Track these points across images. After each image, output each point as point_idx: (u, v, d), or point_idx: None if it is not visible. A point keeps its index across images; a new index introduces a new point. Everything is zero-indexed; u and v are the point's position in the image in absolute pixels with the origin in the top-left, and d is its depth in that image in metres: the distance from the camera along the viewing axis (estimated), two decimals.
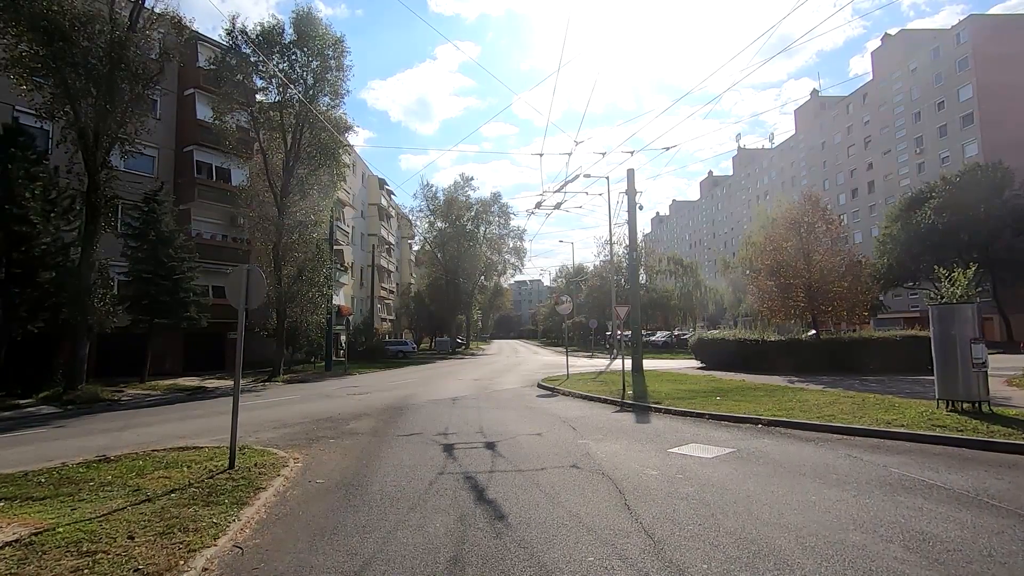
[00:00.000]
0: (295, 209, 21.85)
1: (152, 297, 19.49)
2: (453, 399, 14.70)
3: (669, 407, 11.74)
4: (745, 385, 15.58)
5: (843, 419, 9.36)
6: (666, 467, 6.79)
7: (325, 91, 21.88)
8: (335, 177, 22.84)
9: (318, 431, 10.05)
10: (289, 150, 21.91)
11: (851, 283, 19.89)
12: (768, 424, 9.54)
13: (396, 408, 13.05)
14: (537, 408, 12.77)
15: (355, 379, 22.43)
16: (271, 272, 22.01)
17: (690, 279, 48.23)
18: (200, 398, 16.77)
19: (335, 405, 13.92)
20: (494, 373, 24.99)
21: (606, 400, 13.46)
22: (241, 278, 6.92)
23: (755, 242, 39.99)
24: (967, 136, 53.81)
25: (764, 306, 21.93)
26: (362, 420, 11.29)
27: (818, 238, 20.31)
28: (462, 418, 11.27)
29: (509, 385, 18.86)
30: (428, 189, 55.48)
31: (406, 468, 7.00)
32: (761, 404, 11.52)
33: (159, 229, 20.04)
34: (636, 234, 22.79)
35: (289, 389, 18.95)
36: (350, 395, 16.27)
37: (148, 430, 10.91)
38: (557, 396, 15.17)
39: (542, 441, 8.64)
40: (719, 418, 10.36)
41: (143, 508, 5.20)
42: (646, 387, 15.81)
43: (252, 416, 12.28)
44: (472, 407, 13.06)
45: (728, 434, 8.91)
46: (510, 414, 11.86)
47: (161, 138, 26.07)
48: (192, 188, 26.06)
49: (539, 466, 6.97)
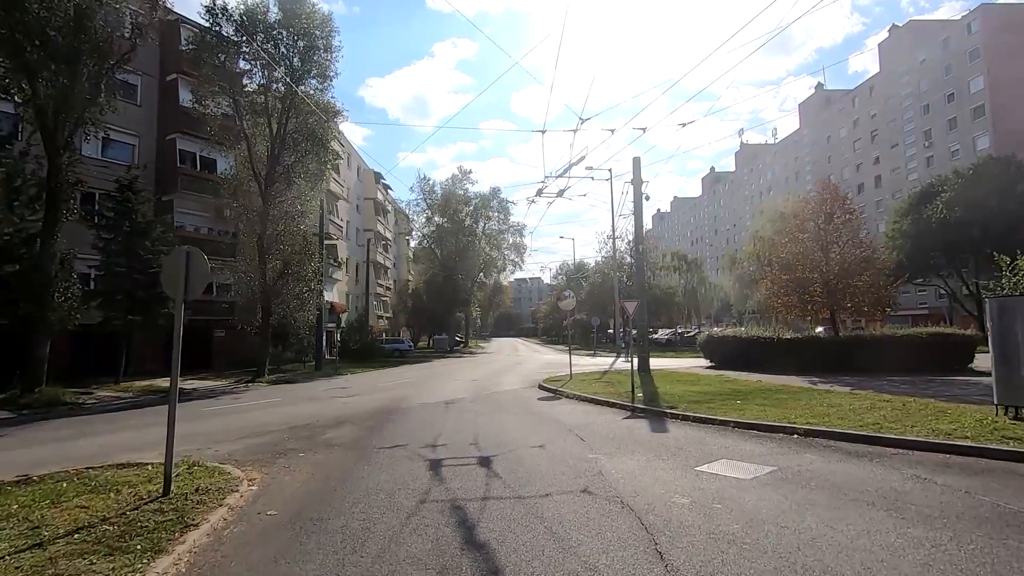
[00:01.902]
0: (281, 199, 20.58)
1: (126, 292, 18.24)
2: (447, 402, 13.47)
3: (686, 413, 10.52)
4: (764, 387, 14.37)
5: (891, 428, 8.14)
6: (697, 492, 5.57)
7: (312, 73, 20.57)
8: (323, 165, 21.56)
9: (289, 442, 8.81)
10: (274, 136, 20.62)
11: (872, 276, 18.66)
12: (805, 434, 8.31)
13: (384, 413, 11.82)
14: (539, 413, 11.54)
15: (345, 380, 21.20)
16: (256, 266, 20.77)
17: (694, 275, 47.02)
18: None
19: (317, 410, 12.69)
20: (493, 373, 23.78)
21: (615, 404, 12.24)
22: (178, 262, 5.68)
23: (763, 236, 38.90)
24: (978, 129, 52.50)
25: (778, 302, 20.70)
26: (343, 428, 10.06)
27: (837, 229, 19.05)
28: (456, 425, 10.04)
29: (508, 386, 17.65)
30: (425, 183, 53.93)
31: (382, 493, 5.77)
32: (789, 409, 10.31)
33: (134, 220, 18.77)
34: (642, 225, 21.60)
35: (272, 391, 17.72)
36: (336, 398, 15.04)
37: (99, 440, 9.67)
38: (560, 399, 13.95)
39: (546, 456, 7.42)
40: (746, 426, 9.12)
41: (24, 559, 3.96)
42: (656, 389, 14.60)
43: (221, 423, 11.04)
44: (468, 411, 11.84)
45: (762, 447, 7.68)
46: (509, 420, 10.64)
47: (142, 125, 24.78)
48: (175, 178, 24.78)
49: (543, 491, 5.74)
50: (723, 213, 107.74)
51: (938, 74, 56.80)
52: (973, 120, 52.91)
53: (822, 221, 19.36)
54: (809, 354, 18.78)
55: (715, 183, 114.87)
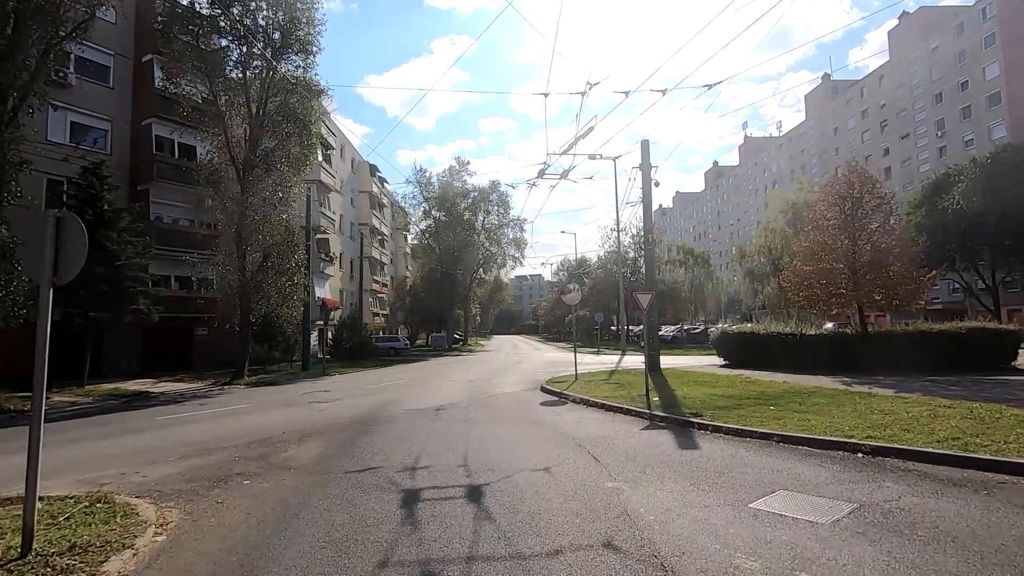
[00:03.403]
0: (261, 185, 18.97)
1: (89, 287, 16.67)
2: (438, 408, 11.91)
3: (715, 422, 8.95)
4: (793, 388, 12.79)
5: (979, 445, 6.57)
6: (766, 549, 3.99)
7: (294, 48, 18.87)
8: (307, 149, 19.92)
9: (238, 463, 7.25)
10: (254, 117, 19.00)
11: (905, 266, 17.05)
12: (872, 453, 6.74)
13: (363, 423, 10.27)
14: (542, 422, 9.98)
15: (331, 381, 19.65)
16: (234, 258, 19.19)
17: (701, 270, 45.37)
18: (137, 406, 13.98)
19: (287, 418, 11.13)
20: (491, 373, 22.23)
21: (629, 411, 10.66)
22: (44, 234, 4.07)
23: (775, 228, 37.31)
24: (993, 117, 50.79)
25: (799, 295, 19.09)
26: (309, 443, 8.49)
27: (867, 214, 17.42)
28: (444, 439, 8.49)
29: (508, 388, 16.10)
30: (422, 175, 51.86)
31: (331, 548, 4.22)
32: (836, 417, 8.76)
33: (99, 207, 17.21)
34: (651, 213, 20.04)
35: (248, 394, 16.16)
36: (315, 403, 13.48)
37: (14, 461, 8.09)
38: (566, 404, 12.39)
39: (553, 484, 5.85)
40: (794, 441, 7.54)
41: None
42: (674, 392, 13.04)
43: (169, 437, 9.47)
44: (460, 420, 10.28)
45: (822, 471, 6.11)
46: (507, 432, 9.09)
47: (115, 109, 23.18)
48: (150, 166, 23.17)
49: (551, 544, 4.18)
50: (726, 207, 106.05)
51: (951, 61, 55.04)
52: (988, 108, 51.18)
53: (849, 207, 17.75)
54: (835, 351, 17.19)
55: (718, 177, 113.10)
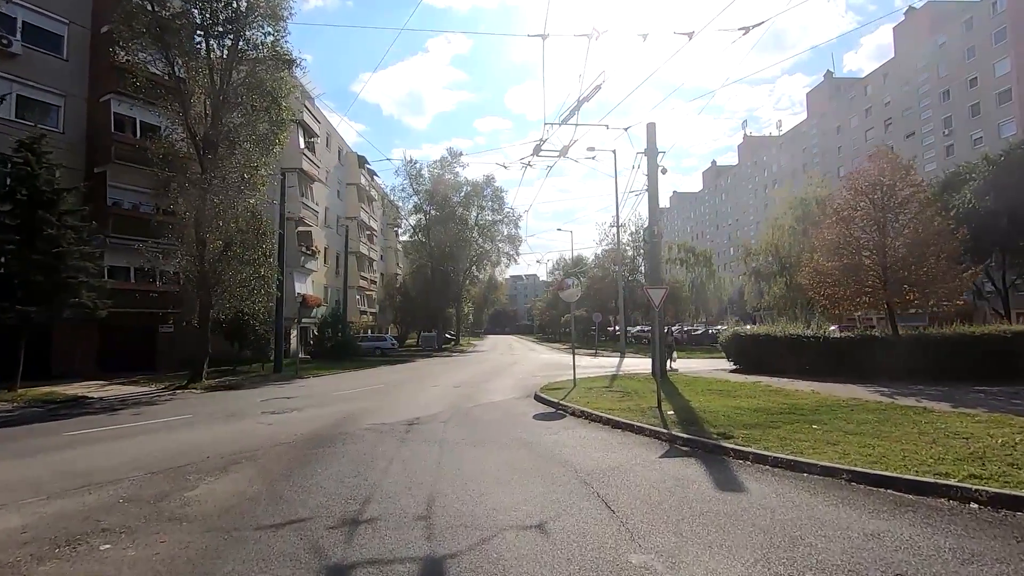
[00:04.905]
0: (224, 165, 16.93)
1: (22, 277, 14.64)
2: (411, 423, 9.97)
3: (753, 447, 7.07)
4: (827, 400, 10.95)
5: None
6: None
7: (260, 8, 16.69)
8: (277, 127, 17.87)
9: (117, 509, 5.27)
10: (217, 90, 16.97)
11: (942, 261, 15.27)
12: (990, 504, 4.86)
13: (314, 443, 8.30)
14: (536, 444, 8.05)
15: (301, 385, 17.64)
16: (193, 246, 17.15)
17: (702, 269, 43.58)
18: (62, 415, 11.92)
19: (223, 436, 9.13)
20: (481, 376, 20.31)
21: (641, 428, 8.75)
22: None
23: (783, 225, 35.51)
24: (1003, 115, 49.24)
25: (821, 294, 17.29)
26: (232, 475, 6.53)
27: (900, 205, 15.61)
28: (408, 470, 6.55)
29: (498, 395, 14.17)
30: (412, 166, 49.52)
31: None
32: (902, 442, 6.97)
33: (35, 187, 15.16)
34: (658, 201, 18.17)
35: (198, 402, 14.11)
36: (268, 413, 11.47)
37: None
38: (564, 418, 10.47)
39: (550, 556, 3.92)
40: (868, 480, 5.64)
41: None
42: (688, 402, 11.17)
43: (63, 461, 7.46)
44: (434, 441, 8.34)
45: (940, 537, 4.21)
46: (491, 459, 7.16)
47: (69, 83, 21.11)
48: (108, 147, 21.08)
49: None
50: (725, 207, 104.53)
51: (959, 57, 53.50)
52: (998, 105, 49.64)
53: (879, 196, 15.94)
54: (861, 356, 15.39)
55: (716, 177, 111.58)
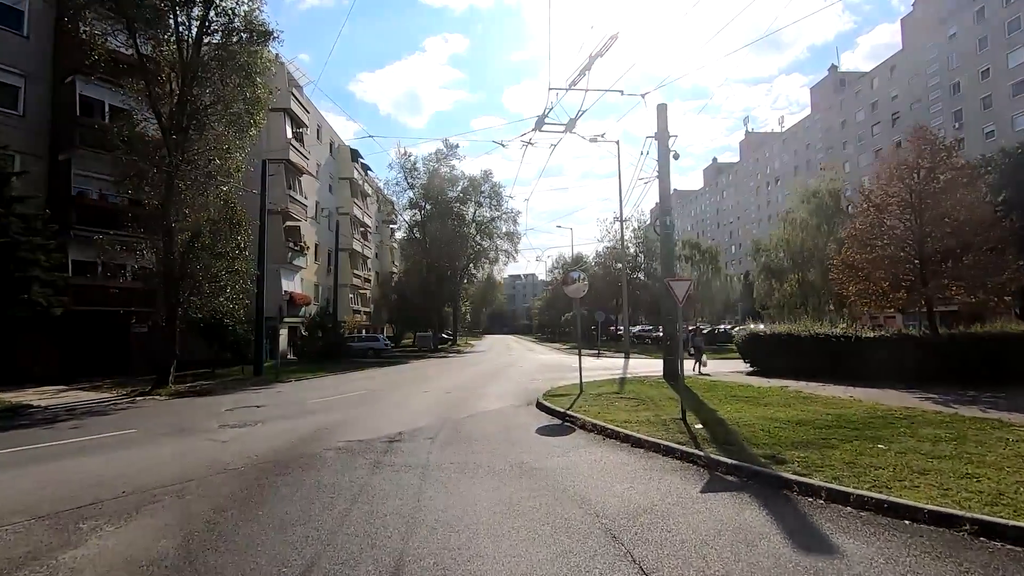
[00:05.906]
0: (192, 148, 15.33)
1: None
2: (392, 439, 8.39)
3: (821, 481, 5.47)
4: (878, 410, 9.38)
5: None
6: None
7: None
8: (253, 107, 16.24)
9: None
10: (185, 64, 15.36)
11: (990, 251, 13.71)
12: None
13: (264, 469, 6.70)
14: (542, 473, 6.43)
15: (277, 390, 16.02)
16: (160, 238, 15.55)
17: (708, 266, 42.03)
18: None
19: (156, 460, 7.50)
20: (477, 380, 18.75)
21: (669, 448, 7.15)
22: None
23: (795, 219, 34.03)
24: (1017, 107, 47.73)
25: (851, 289, 15.74)
26: (138, 522, 4.91)
27: (942, 190, 14.01)
28: (372, 517, 4.95)
29: (493, 403, 12.58)
30: (406, 159, 47.78)
31: None
32: (1003, 470, 5.44)
33: None
34: (669, 186, 16.71)
35: (157, 411, 12.49)
36: (225, 427, 9.84)
37: None
38: (573, 432, 8.89)
39: None
40: (997, 534, 4.07)
41: None
42: (715, 412, 9.60)
43: None
44: (416, 466, 6.75)
45: None
46: (484, 496, 5.55)
47: (30, 63, 19.49)
48: (73, 131, 19.46)
49: None
50: (726, 205, 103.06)
51: (971, 49, 52.01)
52: (1012, 98, 48.13)
53: (916, 180, 14.38)
54: (900, 358, 13.80)
55: (717, 174, 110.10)
